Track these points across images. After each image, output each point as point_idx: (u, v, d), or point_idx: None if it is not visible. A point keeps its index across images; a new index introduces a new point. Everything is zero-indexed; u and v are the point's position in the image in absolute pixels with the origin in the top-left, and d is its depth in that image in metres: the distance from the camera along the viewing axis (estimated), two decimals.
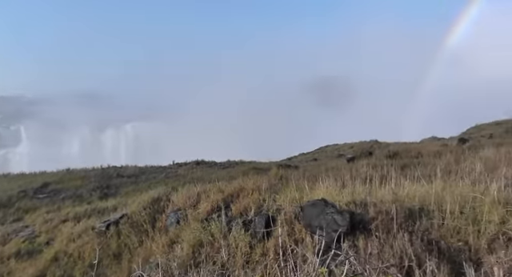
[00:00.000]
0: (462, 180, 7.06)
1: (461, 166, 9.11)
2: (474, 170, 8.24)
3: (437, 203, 5.26)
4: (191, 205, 8.19)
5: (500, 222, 4.61)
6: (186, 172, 23.96)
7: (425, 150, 15.13)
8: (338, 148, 36.74)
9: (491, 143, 13.48)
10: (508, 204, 5.08)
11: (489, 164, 8.90)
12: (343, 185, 7.64)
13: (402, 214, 4.95)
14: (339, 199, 5.96)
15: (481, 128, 32.24)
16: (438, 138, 31.40)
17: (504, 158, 9.31)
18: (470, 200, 5.26)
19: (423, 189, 6.04)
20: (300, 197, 6.51)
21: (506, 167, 8.15)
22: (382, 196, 5.87)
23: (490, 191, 5.48)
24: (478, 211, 4.97)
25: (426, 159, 12.31)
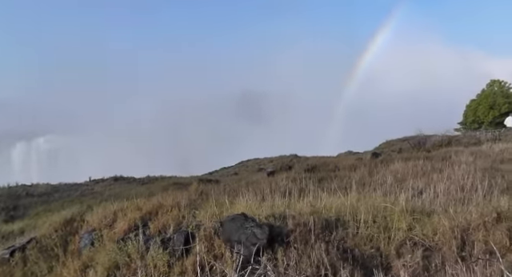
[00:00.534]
0: (374, 191, 7.72)
1: (374, 178, 9.96)
2: (385, 182, 9.06)
3: (352, 214, 5.68)
4: (107, 225, 7.76)
5: (407, 229, 5.13)
6: (103, 189, 22.77)
7: (341, 164, 16.16)
8: (259, 162, 37.81)
9: (400, 157, 14.89)
10: (414, 212, 5.68)
11: (398, 176, 9.86)
12: (263, 199, 7.87)
13: (320, 225, 5.24)
14: (259, 213, 6.11)
15: (391, 143, 35.57)
16: (354, 153, 33.84)
17: (411, 171, 10.38)
18: (381, 210, 5.78)
19: (339, 200, 6.47)
20: (220, 212, 6.55)
21: (412, 179, 9.11)
22: (301, 208, 6.16)
23: (399, 201, 6.07)
24: (388, 220, 5.47)
25: (342, 172, 13.17)
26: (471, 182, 7.92)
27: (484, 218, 4.90)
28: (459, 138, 22.94)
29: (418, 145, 22.89)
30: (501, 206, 5.27)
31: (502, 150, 15.05)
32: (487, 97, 41.31)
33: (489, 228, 4.71)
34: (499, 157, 13.14)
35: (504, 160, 12.34)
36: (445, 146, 20.62)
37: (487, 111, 40.12)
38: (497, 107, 39.46)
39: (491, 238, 4.54)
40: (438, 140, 22.58)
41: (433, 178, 8.95)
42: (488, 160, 12.24)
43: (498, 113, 38.14)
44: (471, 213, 5.11)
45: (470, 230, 4.80)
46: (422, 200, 6.55)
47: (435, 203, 6.34)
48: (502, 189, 7.41)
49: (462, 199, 6.50)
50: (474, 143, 19.80)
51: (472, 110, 42.48)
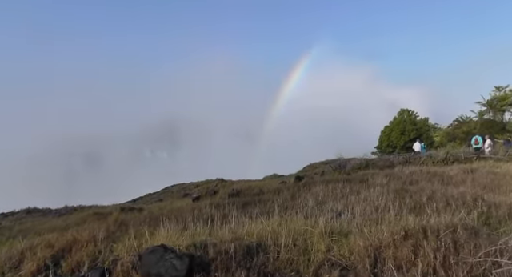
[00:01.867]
0: (296, 215, 7.96)
1: (296, 201, 10.30)
2: (306, 205, 9.42)
3: (273, 238, 5.80)
4: (12, 267, 6.99)
5: (326, 250, 5.36)
6: (12, 223, 20.51)
7: (266, 188, 16.47)
8: (185, 187, 37.35)
9: (322, 180, 15.59)
10: (333, 234, 5.96)
11: (319, 199, 10.30)
12: (185, 227, 7.73)
13: (241, 252, 5.27)
14: (179, 243, 5.98)
15: (314, 166, 37.21)
16: (279, 176, 34.77)
17: (331, 194, 10.91)
18: (302, 233, 5.98)
19: (261, 225, 6.57)
20: (139, 244, 6.30)
21: (332, 201, 9.57)
22: (223, 236, 6.15)
23: (319, 223, 6.34)
24: (308, 242, 5.67)
25: (266, 196, 13.43)
26: (384, 202, 8.55)
27: (394, 236, 5.29)
28: (375, 161, 24.60)
29: (338, 168, 24.13)
30: (408, 225, 5.73)
31: (411, 172, 16.43)
32: (398, 124, 46.03)
33: (397, 245, 5.09)
34: (409, 178, 14.33)
35: (412, 181, 13.49)
36: (363, 168, 21.96)
37: (399, 137, 44.57)
38: (407, 133, 44.11)
39: (399, 254, 4.93)
40: (356, 163, 24.01)
41: (351, 199, 9.49)
42: (399, 182, 13.30)
43: (408, 138, 42.27)
44: (383, 232, 5.48)
45: (381, 248, 5.15)
46: (340, 221, 6.87)
47: (352, 224, 6.69)
48: (410, 208, 8.11)
49: (376, 219, 6.93)
50: (388, 166, 21.36)
51: (386, 135, 46.73)
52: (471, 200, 9.02)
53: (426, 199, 9.03)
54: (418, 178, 14.33)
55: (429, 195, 9.61)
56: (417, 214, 7.38)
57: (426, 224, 5.79)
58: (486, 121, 43.75)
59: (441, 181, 14.07)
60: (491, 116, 46.31)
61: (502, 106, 46.32)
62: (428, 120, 50.46)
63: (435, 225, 5.79)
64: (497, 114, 46.35)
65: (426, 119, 49.65)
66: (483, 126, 40.19)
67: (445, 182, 13.65)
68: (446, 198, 9.09)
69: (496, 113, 46.46)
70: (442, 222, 5.98)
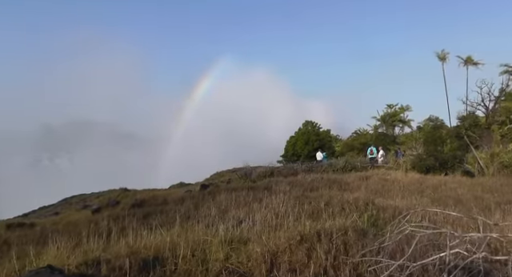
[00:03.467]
0: (198, 224, 7.87)
1: (199, 211, 10.21)
2: (209, 214, 9.38)
3: (171, 250, 5.66)
4: None
5: (224, 259, 5.38)
6: None
7: (170, 197, 16.12)
8: (85, 199, 35.03)
9: (227, 188, 15.73)
10: (232, 242, 6.00)
11: (222, 207, 10.35)
12: (78, 243, 7.19)
13: (137, 267, 5.06)
14: (70, 262, 5.54)
15: (221, 174, 37.47)
16: (186, 184, 34.32)
17: (234, 202, 11.02)
18: (201, 243, 5.93)
19: (161, 237, 6.38)
20: (22, 267, 5.70)
21: (235, 209, 9.67)
22: (118, 251, 5.85)
23: (219, 232, 6.34)
24: (207, 252, 5.64)
25: (170, 206, 13.13)
26: (285, 209, 8.87)
27: (290, 241, 5.51)
28: (281, 170, 25.54)
29: (245, 176, 24.56)
30: (304, 229, 6.01)
31: (312, 179, 17.38)
32: (303, 134, 49.16)
33: (293, 250, 5.30)
34: (310, 185, 15.12)
35: (313, 188, 14.26)
36: (268, 176, 22.63)
37: (303, 146, 47.41)
38: (310, 143, 47.17)
39: (294, 258, 5.14)
40: (262, 171, 24.66)
41: (253, 207, 9.68)
42: (301, 189, 13.95)
43: (312, 148, 45.05)
44: (280, 238, 5.67)
45: (278, 253, 5.32)
46: (240, 229, 6.95)
47: (252, 231, 6.80)
48: (309, 213, 8.53)
49: (276, 225, 7.15)
50: (292, 174, 22.30)
51: (291, 144, 49.40)
52: (363, 204, 9.79)
53: (323, 205, 9.59)
54: (319, 185, 15.18)
55: (326, 201, 10.22)
56: (314, 219, 7.78)
57: (321, 228, 6.12)
58: (379, 134, 48.61)
59: (339, 187, 15.09)
60: (384, 130, 51.70)
61: (393, 121, 52.32)
62: (330, 131, 54.39)
63: (329, 228, 6.15)
64: (389, 128, 52.02)
65: (328, 131, 53.52)
66: (378, 138, 44.41)
67: (342, 189, 14.67)
68: (341, 204, 9.75)
69: (388, 127, 52.06)
70: (336, 226, 6.38)
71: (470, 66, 51.21)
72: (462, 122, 34.67)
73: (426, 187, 15.74)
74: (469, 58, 51.61)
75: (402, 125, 52.62)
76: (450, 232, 3.88)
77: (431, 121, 46.93)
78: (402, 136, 47.39)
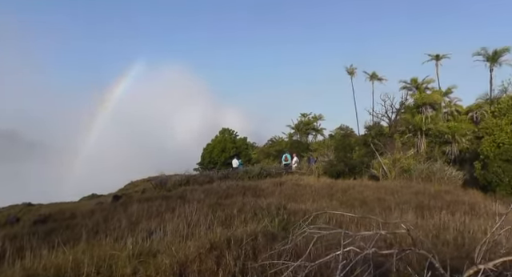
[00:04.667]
0: (106, 238, 7.50)
1: (109, 223, 9.73)
2: (119, 226, 8.98)
3: (74, 269, 5.33)
4: None
5: (132, 274, 5.19)
6: None
7: (79, 211, 15.13)
8: None
9: (141, 198, 15.22)
10: (141, 255, 5.82)
11: (133, 219, 9.98)
12: None
13: None
14: None
15: (136, 184, 36.05)
16: (98, 196, 32.45)
17: (146, 212, 10.70)
18: (108, 258, 5.65)
19: (63, 256, 5.96)
20: None
21: (146, 221, 9.39)
22: (12, 275, 5.37)
23: (128, 246, 6.11)
24: (114, 268, 5.39)
25: (77, 220, 12.30)
26: (198, 217, 8.81)
27: (200, 250, 5.49)
28: (196, 178, 25.30)
29: (159, 185, 23.95)
30: (215, 237, 6.03)
31: (228, 186, 17.50)
32: (220, 142, 49.37)
33: (203, 259, 5.30)
34: (225, 193, 15.21)
35: (228, 195, 14.36)
36: (183, 185, 22.30)
37: (220, 153, 47.61)
38: (227, 150, 47.55)
39: (203, 267, 5.14)
40: (178, 180, 24.22)
41: (165, 217, 9.48)
42: (216, 196, 13.98)
43: (228, 155, 45.40)
44: (190, 247, 5.63)
45: (187, 263, 5.27)
46: (150, 241, 6.77)
47: (163, 243, 6.65)
48: (222, 221, 8.58)
49: (188, 235, 7.08)
50: (208, 181, 22.23)
51: (208, 152, 49.24)
52: (275, 209, 10.07)
53: (236, 212, 9.69)
54: (234, 192, 15.32)
55: (240, 208, 10.35)
56: (226, 226, 7.86)
57: (232, 235, 6.20)
58: (294, 141, 50.74)
59: (253, 194, 15.36)
60: (298, 137, 54.04)
61: (307, 129, 55.18)
62: (247, 139, 55.23)
63: (239, 235, 6.25)
64: (303, 136, 54.65)
65: (244, 138, 54.29)
66: (292, 145, 46.20)
67: (257, 195, 14.95)
68: (254, 210, 9.93)
69: (302, 135, 54.66)
70: (247, 232, 6.50)
71: (376, 81, 56.47)
72: (369, 131, 37.38)
73: (336, 191, 16.67)
74: (374, 73, 57.34)
75: (315, 133, 55.69)
76: (345, 232, 4.18)
77: (342, 129, 50.20)
78: (315, 143, 49.86)
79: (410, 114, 37.44)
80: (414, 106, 38.91)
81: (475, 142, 29.08)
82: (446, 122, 38.01)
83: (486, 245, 4.30)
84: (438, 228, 9.18)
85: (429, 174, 22.75)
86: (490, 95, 42.15)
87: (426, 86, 45.20)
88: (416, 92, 43.27)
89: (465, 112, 42.41)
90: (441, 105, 41.20)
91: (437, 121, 37.02)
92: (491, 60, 41.96)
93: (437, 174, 22.68)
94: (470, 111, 41.74)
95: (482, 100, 43.14)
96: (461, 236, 8.02)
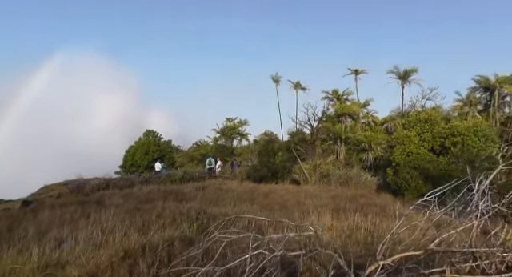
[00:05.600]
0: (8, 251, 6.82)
1: (13, 233, 8.89)
2: (25, 236, 8.25)
3: None
4: None
5: None
6: None
7: None
8: None
9: (54, 204, 14.21)
10: (48, 267, 5.43)
11: (43, 227, 9.25)
12: None
13: None
14: None
15: (50, 188, 33.48)
16: (6, 201, 29.69)
17: (59, 219, 10.00)
18: (8, 273, 5.21)
19: None
20: None
21: (58, 228, 8.77)
22: None
23: (33, 257, 5.68)
24: None
25: None
26: (114, 224, 8.44)
27: (112, 258, 5.27)
28: (117, 181, 24.26)
29: (76, 189, 22.60)
30: (129, 244, 5.83)
31: (149, 191, 17.02)
32: (143, 144, 47.41)
33: (115, 268, 5.09)
34: (145, 197, 14.76)
35: (149, 200, 13.94)
36: (103, 189, 21.26)
37: (143, 156, 45.79)
38: (151, 153, 45.85)
39: (115, 276, 4.93)
40: (96, 184, 23.03)
41: (79, 224, 8.96)
42: (135, 201, 13.50)
43: (152, 158, 43.85)
44: (102, 256, 5.38)
45: (98, 273, 5.03)
46: (60, 251, 6.37)
47: (74, 252, 6.29)
48: (139, 227, 8.29)
49: (102, 243, 6.76)
50: (128, 186, 21.42)
51: (131, 154, 47.10)
52: (195, 214, 9.99)
53: (155, 217, 9.45)
54: (155, 197, 14.91)
55: (159, 213, 10.10)
56: (144, 232, 7.63)
57: (147, 241, 6.04)
58: (219, 145, 50.84)
59: (175, 198, 15.05)
60: (223, 142, 54.16)
61: (232, 134, 55.48)
62: (171, 142, 54.04)
63: (156, 241, 6.11)
64: (228, 141, 54.84)
65: (169, 141, 53.00)
66: (217, 149, 46.31)
67: (178, 199, 14.68)
68: (173, 215, 9.75)
69: (227, 139, 54.94)
70: (164, 237, 6.37)
71: (299, 90, 58.74)
72: (292, 137, 38.78)
73: (258, 195, 16.94)
74: (297, 83, 59.39)
75: (240, 138, 56.16)
76: (254, 235, 4.28)
77: (266, 135, 51.27)
78: (239, 148, 50.40)
79: (331, 123, 39.61)
80: (335, 116, 41.40)
81: (388, 150, 31.23)
82: (363, 131, 40.75)
83: (387, 243, 4.66)
84: (352, 229, 9.76)
85: (346, 179, 24.09)
86: (401, 109, 45.80)
87: (346, 97, 48.70)
88: (337, 103, 46.08)
89: (380, 123, 45.76)
90: (359, 115, 44.45)
91: (355, 130, 39.71)
92: (402, 78, 45.88)
93: (354, 179, 24.12)
94: (384, 122, 45.06)
95: (394, 113, 46.75)
96: (371, 236, 8.58)
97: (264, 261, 3.96)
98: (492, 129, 28.97)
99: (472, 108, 40.51)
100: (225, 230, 4.62)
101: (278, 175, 26.15)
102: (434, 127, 27.40)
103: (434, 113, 32.07)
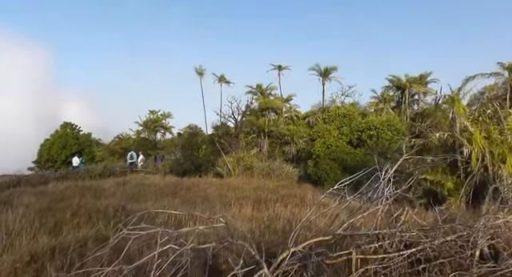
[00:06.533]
0: None
1: None
2: None
3: None
4: None
5: None
6: None
7: None
8: None
9: None
10: None
11: None
12: None
13: None
14: None
15: None
16: None
17: None
18: None
19: None
20: None
21: None
22: None
23: None
24: None
25: None
26: (22, 225, 7.77)
27: (16, 264, 4.85)
28: (30, 178, 22.40)
29: None
30: (37, 248, 5.42)
31: (65, 187, 15.96)
32: (60, 137, 43.79)
33: (19, 274, 4.70)
34: (61, 195, 13.79)
35: (64, 198, 13.03)
36: (13, 187, 19.50)
37: (60, 151, 42.41)
38: (69, 147, 42.63)
39: None
40: (6, 181, 21.06)
41: None
42: (49, 199, 12.57)
43: (70, 152, 40.85)
44: (4, 262, 4.93)
45: None
46: None
47: None
48: (50, 228, 7.72)
49: (6, 247, 6.19)
50: (43, 182, 19.85)
51: (46, 149, 43.33)
52: (113, 211, 9.58)
53: (69, 216, 8.89)
54: (71, 194, 14.01)
55: (74, 211, 9.52)
56: (55, 233, 7.13)
57: (58, 243, 5.66)
58: (142, 139, 49.07)
59: (93, 195, 14.30)
60: (146, 135, 52.39)
61: (155, 127, 53.90)
62: (91, 135, 50.91)
63: (68, 242, 5.75)
64: (151, 134, 53.23)
65: (89, 134, 49.84)
66: (139, 143, 44.68)
67: (97, 196, 13.95)
68: (89, 213, 9.25)
69: (150, 132, 53.30)
70: (77, 238, 6.01)
71: (224, 83, 58.62)
72: (216, 130, 38.68)
73: (181, 189, 16.68)
74: (222, 76, 59.23)
75: (163, 131, 54.75)
76: (163, 230, 4.21)
77: (191, 128, 50.48)
78: (163, 142, 49.13)
79: (255, 117, 40.21)
80: (259, 110, 42.09)
81: (310, 143, 32.38)
82: (286, 125, 41.89)
83: (299, 230, 4.85)
84: (272, 219, 10.01)
85: (269, 171, 24.60)
86: (322, 104, 47.88)
87: (269, 92, 49.73)
88: (260, 97, 46.86)
89: (302, 117, 47.37)
90: (282, 110, 45.65)
91: (278, 124, 40.75)
92: (323, 75, 47.97)
93: (276, 171, 24.69)
94: (306, 117, 46.66)
95: (316, 108, 48.72)
96: (289, 225, 8.85)
97: (174, 255, 3.90)
98: (403, 123, 31.32)
99: (386, 105, 43.34)
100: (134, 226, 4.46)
101: (202, 169, 25.96)
102: (351, 122, 29.11)
103: (352, 108, 34.06)
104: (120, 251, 4.70)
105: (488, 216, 4.92)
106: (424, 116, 35.81)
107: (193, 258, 4.83)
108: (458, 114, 16.28)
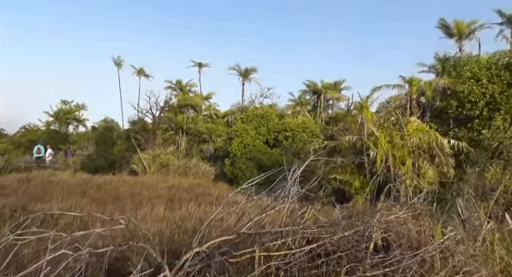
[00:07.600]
0: None
1: None
2: None
3: None
4: None
5: None
6: None
7: None
8: None
9: None
10: None
11: None
12: None
13: None
14: None
15: None
16: None
17: None
18: None
19: None
20: None
21: None
22: None
23: None
24: None
25: None
26: None
27: None
28: None
29: None
30: None
31: None
32: None
33: None
34: None
35: None
36: None
37: None
38: None
39: None
40: None
41: None
42: None
43: None
44: None
45: None
46: None
47: None
48: None
49: None
50: None
51: None
52: (10, 212, 8.75)
53: None
54: None
55: None
56: None
57: None
58: (51, 131, 45.45)
59: None
60: (57, 127, 48.60)
61: (67, 119, 50.35)
62: None
63: None
64: (62, 126, 49.54)
65: None
66: (49, 135, 41.32)
67: None
68: None
69: (62, 124, 49.59)
70: None
71: (143, 77, 56.51)
72: (133, 126, 37.07)
73: (91, 187, 15.74)
74: (141, 69, 56.96)
75: (76, 123, 51.35)
76: (55, 234, 3.94)
77: (106, 122, 47.76)
78: (75, 135, 45.97)
79: (173, 113, 39.32)
80: (178, 106, 41.23)
81: (228, 142, 32.55)
82: (205, 123, 41.54)
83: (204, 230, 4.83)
84: (184, 218, 9.84)
85: (185, 169, 24.30)
86: (241, 104, 48.46)
87: (189, 88, 49.02)
88: (180, 93, 46.02)
89: (222, 116, 47.34)
90: (201, 107, 45.31)
91: (197, 121, 40.30)
92: (243, 76, 48.66)
93: (192, 169, 24.48)
94: (226, 116, 46.71)
95: (235, 107, 49.10)
96: (200, 224, 8.76)
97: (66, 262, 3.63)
98: (317, 126, 32.80)
99: (303, 108, 44.98)
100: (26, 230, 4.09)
101: (116, 166, 24.87)
102: (269, 122, 29.82)
103: (270, 110, 34.82)
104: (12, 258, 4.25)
105: (382, 212, 5.31)
106: (337, 120, 37.70)
107: (94, 263, 4.58)
108: (366, 120, 17.58)
